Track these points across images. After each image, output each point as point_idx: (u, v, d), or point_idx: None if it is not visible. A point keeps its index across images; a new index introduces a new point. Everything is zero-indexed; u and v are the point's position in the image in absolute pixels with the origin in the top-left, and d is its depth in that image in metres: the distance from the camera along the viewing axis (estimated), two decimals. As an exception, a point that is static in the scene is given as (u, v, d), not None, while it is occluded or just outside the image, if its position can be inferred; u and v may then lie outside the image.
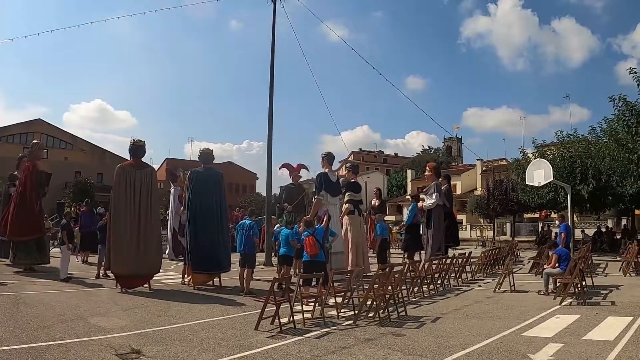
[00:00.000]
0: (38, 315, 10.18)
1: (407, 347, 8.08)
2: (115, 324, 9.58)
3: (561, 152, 29.94)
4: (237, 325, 9.72)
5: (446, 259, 16.28)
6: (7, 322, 9.38)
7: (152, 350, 7.58)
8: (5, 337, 8.17)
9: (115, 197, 14.49)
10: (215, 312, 11.09)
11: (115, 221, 14.31)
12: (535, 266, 18.72)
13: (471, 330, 9.35)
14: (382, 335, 9.00)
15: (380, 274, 11.05)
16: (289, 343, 8.31)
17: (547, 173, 21.06)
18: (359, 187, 19.14)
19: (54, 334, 8.48)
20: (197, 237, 14.91)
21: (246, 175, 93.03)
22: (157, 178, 16.45)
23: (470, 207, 53.95)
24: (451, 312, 11.29)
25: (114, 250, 14.11)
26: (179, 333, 8.92)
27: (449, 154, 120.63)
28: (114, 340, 8.14)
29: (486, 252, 20.35)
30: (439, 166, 27.10)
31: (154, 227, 14.81)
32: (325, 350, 7.86)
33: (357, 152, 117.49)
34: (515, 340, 8.50)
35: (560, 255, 13.79)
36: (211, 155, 15.98)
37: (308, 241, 12.40)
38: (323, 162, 17.87)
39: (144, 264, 14.08)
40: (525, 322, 10.04)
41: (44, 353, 7.26)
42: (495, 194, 48.24)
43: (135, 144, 15.24)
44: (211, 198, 15.24)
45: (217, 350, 7.71)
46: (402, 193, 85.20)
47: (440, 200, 20.91)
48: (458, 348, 7.91)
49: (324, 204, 16.79)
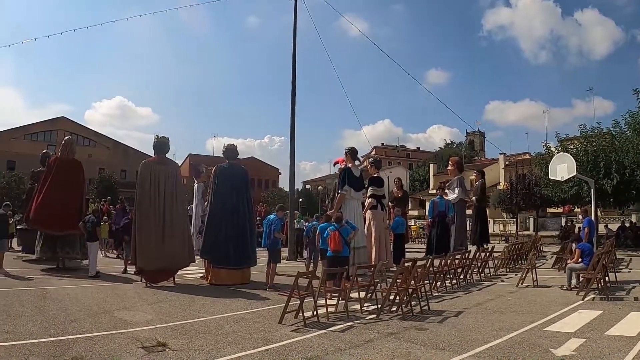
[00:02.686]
0: (65, 309, 10.42)
1: (430, 341, 8.16)
2: (140, 318, 9.80)
3: (584, 146, 29.75)
4: (261, 319, 9.86)
5: (469, 254, 16.30)
6: (35, 315, 9.63)
7: (177, 343, 7.74)
8: (34, 330, 8.40)
9: (140, 193, 14.71)
10: (239, 306, 11.25)
11: (140, 217, 14.54)
12: (558, 261, 18.66)
13: (493, 324, 9.42)
14: (404, 329, 9.09)
15: (403, 269, 11.13)
16: (312, 336, 8.43)
17: (571, 167, 20.97)
18: (381, 181, 19.17)
19: (81, 328, 8.68)
20: (221, 232, 15.03)
21: (269, 170, 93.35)
22: (181, 174, 16.62)
23: (493, 202, 53.67)
24: (473, 307, 11.35)
25: (139, 245, 14.35)
26: (204, 326, 9.08)
27: (472, 148, 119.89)
28: (140, 334, 8.33)
29: (509, 247, 20.33)
30: (462, 161, 27.03)
31: (178, 222, 14.97)
32: (349, 344, 7.96)
33: (380, 147, 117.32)
34: (538, 335, 8.54)
35: (583, 250, 13.75)
36: (235, 151, 16.10)
37: (333, 236, 12.51)
38: (346, 157, 17.92)
39: (168, 259, 14.29)
40: (548, 317, 10.06)
41: (72, 346, 7.46)
42: (519, 188, 47.91)
43: (159, 140, 15.43)
44: (236, 194, 15.34)
45: (242, 344, 7.84)
46: (425, 187, 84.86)
47: (463, 195, 20.96)
48: (480, 342, 7.99)
49: (347, 199, 16.88)
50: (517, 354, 7.34)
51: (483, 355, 7.29)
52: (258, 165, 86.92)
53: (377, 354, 7.35)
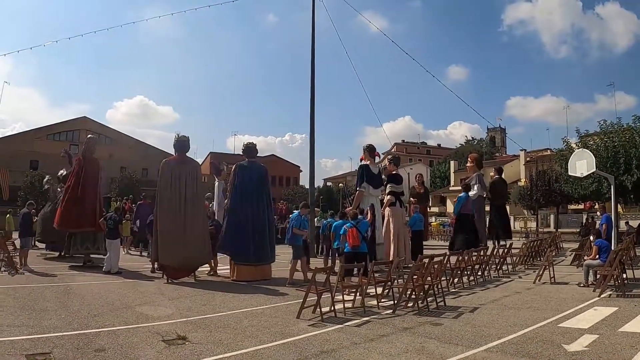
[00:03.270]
0: (87, 304, 10.73)
1: (444, 336, 8.30)
2: (161, 313, 10.09)
3: (604, 142, 29.54)
4: (280, 313, 10.07)
5: (486, 251, 16.36)
6: (59, 310, 9.97)
7: (197, 337, 7.98)
8: (58, 324, 8.72)
9: (161, 192, 14.99)
10: (258, 301, 11.47)
11: (161, 215, 14.81)
12: (577, 258, 18.64)
13: (508, 320, 9.53)
14: (420, 324, 9.22)
15: (420, 265, 11.26)
16: (329, 331, 8.62)
17: (590, 163, 20.85)
18: (400, 179, 19.29)
19: (103, 322, 8.98)
20: (241, 229, 15.23)
21: (289, 167, 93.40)
22: (202, 172, 16.84)
23: (513, 198, 53.50)
24: (489, 303, 11.45)
25: (161, 242, 14.63)
26: (223, 321, 9.32)
27: (493, 145, 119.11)
28: (161, 328, 8.60)
29: (527, 243, 20.35)
30: (481, 157, 27.05)
31: (199, 220, 15.22)
32: (364, 338, 8.13)
33: (400, 144, 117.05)
34: (551, 331, 8.64)
35: (601, 246, 13.75)
36: (255, 149, 16.31)
37: (351, 232, 12.66)
38: (364, 155, 18.06)
39: (189, 256, 14.58)
40: (563, 313, 10.14)
41: (95, 339, 7.74)
42: (539, 184, 47.76)
43: (179, 139, 15.68)
44: (256, 191, 15.56)
45: (260, 337, 8.05)
46: (446, 184, 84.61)
47: (482, 192, 21.01)
48: (494, 337, 8.11)
49: (365, 196, 17.03)
50: (529, 349, 7.45)
51: (495, 350, 7.41)
52: (279, 162, 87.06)
53: (391, 348, 7.51)
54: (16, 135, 77.23)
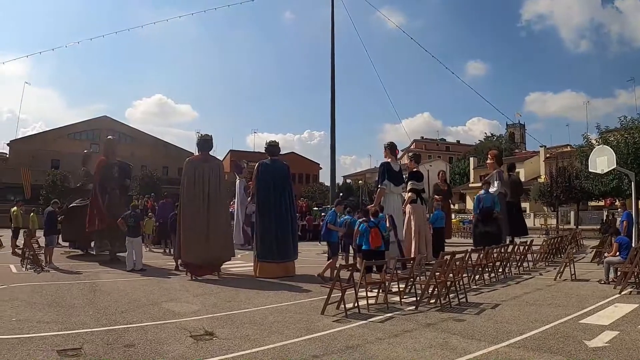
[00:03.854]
0: (114, 300, 10.99)
1: (467, 331, 8.42)
2: (187, 309, 10.28)
3: (625, 138, 29.45)
4: (304, 310, 10.24)
5: (507, 248, 16.40)
6: (86, 307, 10.25)
7: (224, 332, 8.18)
8: (86, 320, 8.96)
9: (185, 190, 15.25)
10: (282, 298, 11.65)
11: (185, 212, 15.05)
12: (597, 255, 18.56)
13: (529, 316, 9.61)
14: (442, 320, 9.35)
15: (442, 262, 11.37)
16: (353, 327, 8.76)
17: (611, 160, 20.79)
18: (421, 176, 19.36)
19: (131, 318, 9.23)
20: (265, 227, 15.44)
21: (309, 165, 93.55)
22: (224, 170, 17.06)
23: (533, 195, 53.21)
24: (511, 300, 11.52)
25: (184, 240, 14.87)
26: (249, 317, 9.51)
27: (512, 141, 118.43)
28: (188, 323, 8.79)
29: (548, 240, 20.35)
30: (501, 154, 27.05)
31: (222, 217, 15.47)
32: (388, 334, 8.29)
33: (419, 141, 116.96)
34: (572, 327, 8.72)
35: (621, 243, 13.74)
36: (277, 148, 16.53)
37: (373, 232, 12.77)
38: (385, 152, 18.15)
39: (212, 253, 14.83)
40: (584, 310, 10.19)
41: (124, 334, 7.97)
42: (559, 181, 47.52)
43: (202, 138, 15.98)
44: (279, 189, 15.75)
45: (286, 333, 8.23)
46: (465, 181, 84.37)
47: (502, 189, 21.03)
48: (515, 333, 8.22)
49: (387, 193, 17.14)
50: (550, 345, 7.56)
51: (518, 346, 7.52)
52: (298, 160, 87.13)
53: (415, 343, 7.65)
54: (37, 134, 78.22)
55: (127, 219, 16.43)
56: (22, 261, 16.68)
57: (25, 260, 16.48)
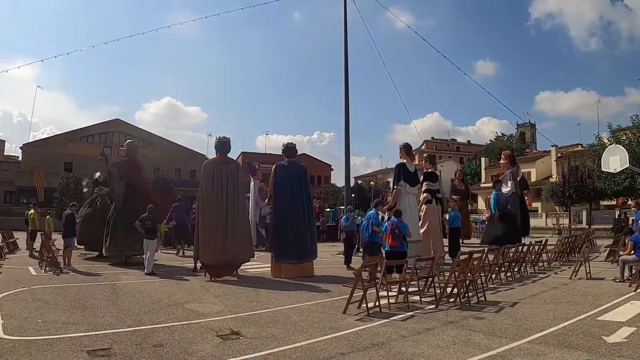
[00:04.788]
0: (137, 302, 11.16)
1: (488, 328, 8.58)
2: (210, 309, 10.44)
3: (637, 137, 29.47)
4: (326, 309, 10.40)
5: (523, 247, 16.51)
6: (110, 308, 10.40)
7: (250, 332, 8.32)
8: (111, 321, 9.11)
9: (203, 192, 15.47)
10: (303, 298, 11.81)
11: (204, 214, 15.24)
12: (611, 254, 18.62)
13: (548, 314, 9.77)
14: (463, 318, 9.50)
15: (461, 261, 11.52)
16: (376, 325, 8.92)
17: (623, 159, 20.89)
18: (435, 176, 19.52)
19: (156, 318, 9.38)
20: (282, 228, 15.65)
21: (321, 166, 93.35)
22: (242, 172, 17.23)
23: (545, 195, 53.19)
24: (528, 298, 11.66)
25: (203, 241, 15.07)
26: (272, 317, 9.66)
27: (523, 141, 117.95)
28: (213, 324, 8.94)
29: (562, 240, 20.41)
30: (514, 154, 27.07)
31: (240, 219, 15.63)
32: (411, 331, 8.45)
33: (430, 141, 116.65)
34: (591, 324, 8.87)
35: (636, 242, 13.80)
36: (294, 149, 16.73)
37: (392, 232, 12.93)
38: (401, 153, 18.29)
39: (231, 254, 14.99)
40: (600, 307, 10.34)
41: (151, 334, 8.12)
42: (571, 180, 47.42)
43: (220, 140, 16.15)
44: (296, 190, 15.95)
45: (310, 332, 8.38)
46: (477, 181, 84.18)
47: (515, 188, 21.09)
48: (536, 330, 8.38)
49: (402, 194, 17.29)
50: (570, 341, 7.72)
51: (538, 342, 7.69)
52: (310, 161, 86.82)
53: (438, 340, 7.82)
54: (50, 138, 78.47)
55: (144, 221, 16.51)
56: (41, 263, 16.87)
57: (44, 262, 16.65)
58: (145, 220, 16.41)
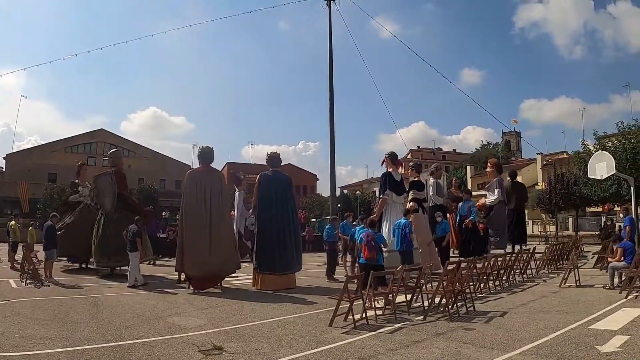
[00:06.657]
0: (118, 315, 10.85)
1: (478, 340, 8.37)
2: (193, 323, 10.14)
3: (623, 144, 29.53)
4: (312, 322, 10.14)
5: (511, 255, 16.37)
6: (90, 322, 10.08)
7: (233, 347, 8.03)
8: (91, 336, 8.80)
9: (186, 202, 15.16)
10: (288, 310, 11.54)
11: (187, 225, 14.95)
12: (600, 260, 18.61)
13: (539, 324, 9.58)
14: (452, 329, 9.30)
15: (448, 271, 11.32)
16: (363, 338, 8.67)
17: (610, 165, 20.87)
18: (422, 185, 19.38)
19: (137, 333, 9.08)
20: (266, 239, 15.37)
21: (306, 176, 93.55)
22: (225, 182, 17.00)
23: (531, 202, 53.36)
24: (518, 307, 11.50)
25: (187, 253, 14.74)
26: (257, 330, 9.39)
27: (508, 149, 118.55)
28: (195, 338, 8.64)
29: (550, 247, 20.35)
30: (500, 162, 27.09)
31: (224, 229, 15.38)
32: (400, 344, 8.20)
33: (416, 150, 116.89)
34: (583, 333, 8.71)
35: (626, 248, 13.80)
36: (279, 159, 16.50)
37: (366, 244, 12.69)
38: (387, 162, 18.16)
39: (215, 266, 14.69)
40: (592, 315, 10.21)
41: (131, 350, 7.79)
42: (557, 188, 47.63)
43: (203, 150, 15.93)
44: (281, 200, 15.66)
45: (296, 346, 8.12)
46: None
47: (502, 197, 21.05)
48: (527, 341, 8.18)
49: (388, 203, 17.12)
50: (563, 351, 7.53)
51: (530, 353, 7.49)
52: (295, 171, 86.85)
53: (427, 354, 7.57)
54: (34, 148, 78.17)
55: (128, 232, 16.22)
56: (22, 276, 16.52)
57: (25, 274, 16.32)
58: (129, 231, 16.13)
